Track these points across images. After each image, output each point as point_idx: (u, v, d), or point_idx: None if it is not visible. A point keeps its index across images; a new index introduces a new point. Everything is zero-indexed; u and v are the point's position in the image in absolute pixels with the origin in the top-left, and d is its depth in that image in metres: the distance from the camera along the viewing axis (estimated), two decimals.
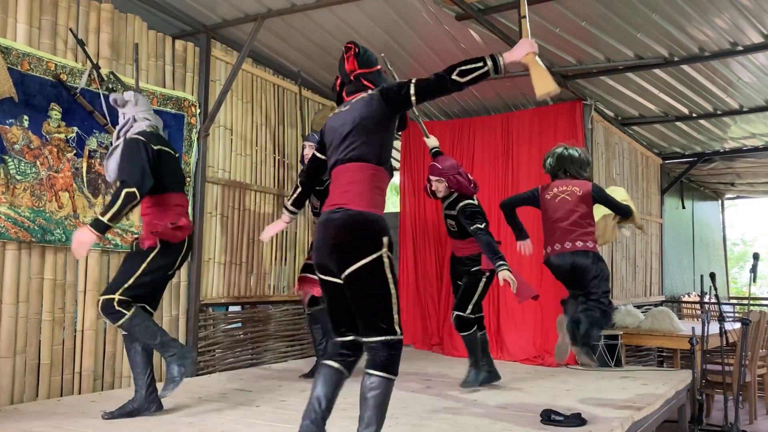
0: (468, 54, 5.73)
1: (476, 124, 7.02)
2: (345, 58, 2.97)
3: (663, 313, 6.46)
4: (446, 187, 4.63)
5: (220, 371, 5.24)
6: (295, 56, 5.97)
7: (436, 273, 7.05)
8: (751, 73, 5.89)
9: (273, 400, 4.13)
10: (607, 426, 3.50)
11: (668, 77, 6.04)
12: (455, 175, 4.58)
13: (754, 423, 5.98)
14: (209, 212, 5.32)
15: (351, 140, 2.74)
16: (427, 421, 3.60)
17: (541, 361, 5.96)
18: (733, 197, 12.28)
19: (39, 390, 4.09)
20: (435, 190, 4.67)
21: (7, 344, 3.92)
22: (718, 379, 5.54)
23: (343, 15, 5.20)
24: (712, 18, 4.93)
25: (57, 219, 4.18)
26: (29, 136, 4.06)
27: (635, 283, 7.70)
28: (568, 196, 4.21)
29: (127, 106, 3.82)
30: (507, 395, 4.41)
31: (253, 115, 5.80)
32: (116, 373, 4.58)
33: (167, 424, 3.46)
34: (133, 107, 3.82)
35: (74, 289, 4.34)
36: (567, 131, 6.41)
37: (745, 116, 7.06)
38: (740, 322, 5.27)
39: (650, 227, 8.28)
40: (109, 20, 4.62)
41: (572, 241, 4.08)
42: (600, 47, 5.50)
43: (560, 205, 4.19)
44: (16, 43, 4.02)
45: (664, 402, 4.53)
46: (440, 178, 4.60)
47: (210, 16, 5.21)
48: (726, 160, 8.98)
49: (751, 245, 19.11)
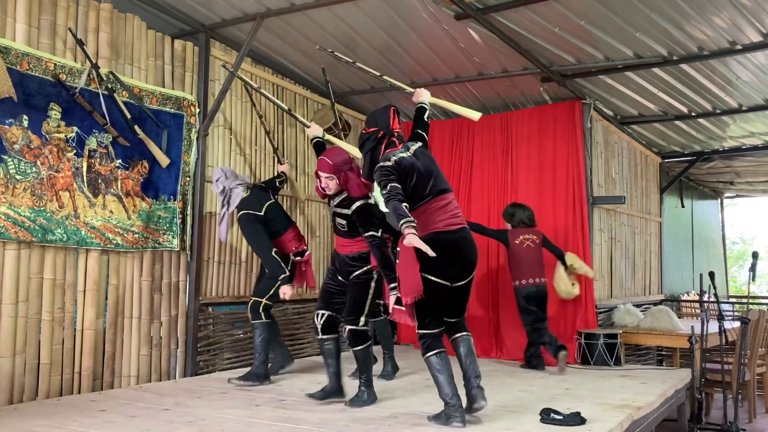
0: (467, 53, 5.74)
1: (475, 124, 6.98)
2: (392, 118, 3.80)
3: (662, 312, 6.46)
4: (337, 185, 4.14)
5: (220, 371, 5.25)
6: (295, 56, 5.97)
7: None
8: (750, 72, 5.89)
9: (272, 400, 4.13)
10: (606, 425, 3.50)
11: (667, 76, 6.05)
12: (347, 172, 4.15)
13: (754, 421, 5.98)
14: (209, 212, 5.32)
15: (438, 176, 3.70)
16: (426, 420, 3.60)
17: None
18: (733, 196, 12.29)
19: (39, 390, 4.09)
20: (325, 187, 4.17)
21: (7, 344, 3.93)
22: (717, 378, 5.55)
23: (342, 14, 5.20)
24: (711, 17, 4.93)
25: (57, 219, 4.18)
26: (29, 135, 4.06)
27: (634, 282, 7.71)
28: (532, 243, 5.72)
29: (219, 183, 4.89)
30: (506, 394, 4.41)
31: (252, 115, 5.80)
32: (116, 373, 4.58)
33: (167, 424, 3.46)
34: (225, 181, 4.89)
35: (74, 289, 4.34)
36: (566, 130, 6.43)
37: (744, 115, 7.07)
38: (739, 321, 5.28)
39: (649, 226, 8.29)
40: (108, 20, 4.61)
41: (540, 276, 5.64)
42: (599, 46, 5.51)
43: (527, 250, 5.67)
44: (15, 43, 4.02)
45: (664, 401, 4.54)
46: (331, 175, 4.11)
47: (209, 16, 5.22)
48: (725, 159, 8.99)
49: (750, 244, 19.13)
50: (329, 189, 4.16)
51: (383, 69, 6.22)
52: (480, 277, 6.69)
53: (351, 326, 4.07)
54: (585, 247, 6.21)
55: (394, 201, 3.38)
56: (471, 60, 5.90)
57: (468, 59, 5.89)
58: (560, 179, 6.40)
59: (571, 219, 6.29)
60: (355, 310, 4.12)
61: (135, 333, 4.72)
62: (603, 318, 6.60)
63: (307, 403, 4.04)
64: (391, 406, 3.99)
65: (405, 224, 3.28)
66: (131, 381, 4.67)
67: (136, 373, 4.71)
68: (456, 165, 7.05)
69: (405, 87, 4.52)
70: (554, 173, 6.45)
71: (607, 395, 4.36)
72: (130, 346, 4.69)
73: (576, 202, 6.29)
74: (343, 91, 6.82)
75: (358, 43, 5.69)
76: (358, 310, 4.12)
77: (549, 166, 6.49)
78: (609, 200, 6.58)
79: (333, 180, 4.11)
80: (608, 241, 6.96)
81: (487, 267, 6.66)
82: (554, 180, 6.44)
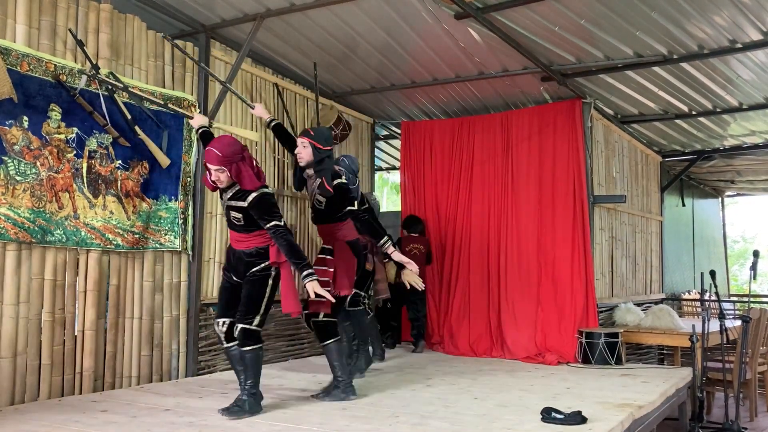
0: (467, 52, 5.74)
1: (476, 123, 7.03)
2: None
3: (663, 311, 6.47)
4: (228, 177, 3.82)
5: (221, 371, 5.25)
6: (295, 56, 5.97)
7: (436, 271, 7.06)
8: (750, 70, 5.88)
9: (274, 400, 4.14)
10: (607, 424, 3.50)
11: (668, 75, 6.04)
12: (239, 163, 3.82)
13: (755, 420, 5.98)
14: (209, 212, 5.32)
15: None
16: (427, 419, 3.61)
17: (542, 360, 5.97)
18: (733, 195, 12.28)
19: (40, 390, 4.09)
20: (216, 180, 3.85)
21: (8, 345, 3.93)
22: (718, 377, 5.55)
23: (342, 14, 5.20)
24: (711, 15, 4.93)
25: (57, 219, 4.18)
26: (29, 136, 4.06)
27: (635, 281, 7.70)
28: (418, 252, 6.67)
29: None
30: (507, 393, 4.41)
31: (252, 115, 5.80)
32: (117, 374, 4.58)
33: (168, 424, 3.46)
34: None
35: (75, 290, 4.34)
36: (566, 129, 6.42)
37: (745, 114, 7.06)
38: (740, 320, 5.28)
39: (650, 225, 8.29)
40: (108, 21, 4.61)
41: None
42: (599, 45, 5.50)
43: (413, 257, 5.97)
44: (15, 44, 4.02)
45: (665, 399, 4.54)
46: (221, 167, 3.77)
47: (209, 16, 5.22)
48: (726, 157, 8.99)
49: (751, 242, 19.13)
50: (220, 182, 3.85)
51: (383, 69, 6.25)
52: (481, 279, 6.70)
53: (244, 325, 3.83)
54: (586, 246, 6.21)
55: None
56: (471, 59, 5.90)
57: (468, 59, 5.88)
58: (561, 178, 6.40)
59: (572, 218, 6.28)
60: (251, 308, 3.88)
61: (136, 333, 4.72)
62: (604, 317, 6.60)
63: (308, 403, 4.04)
64: (392, 405, 3.99)
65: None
66: (132, 381, 4.67)
67: (137, 374, 4.71)
68: (456, 164, 7.05)
69: (248, 102, 5.04)
70: (555, 172, 6.44)
71: (608, 394, 4.36)
72: (131, 347, 4.69)
73: (576, 201, 6.29)
74: (343, 91, 6.82)
75: (359, 42, 5.69)
76: (254, 308, 3.88)
77: (549, 165, 6.48)
78: (610, 199, 6.58)
79: (224, 173, 3.79)
80: (609, 240, 6.96)
81: (487, 270, 6.66)
82: (555, 179, 6.43)
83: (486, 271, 6.67)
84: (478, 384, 4.77)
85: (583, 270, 6.17)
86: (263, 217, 3.79)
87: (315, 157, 4.35)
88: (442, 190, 7.13)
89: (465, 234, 6.85)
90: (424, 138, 7.29)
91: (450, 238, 6.98)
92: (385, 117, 7.68)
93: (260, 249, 3.90)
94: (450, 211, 7.03)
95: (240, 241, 3.96)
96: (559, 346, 6.02)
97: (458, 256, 6.85)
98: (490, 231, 6.71)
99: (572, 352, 5.92)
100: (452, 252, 6.93)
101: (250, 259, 3.90)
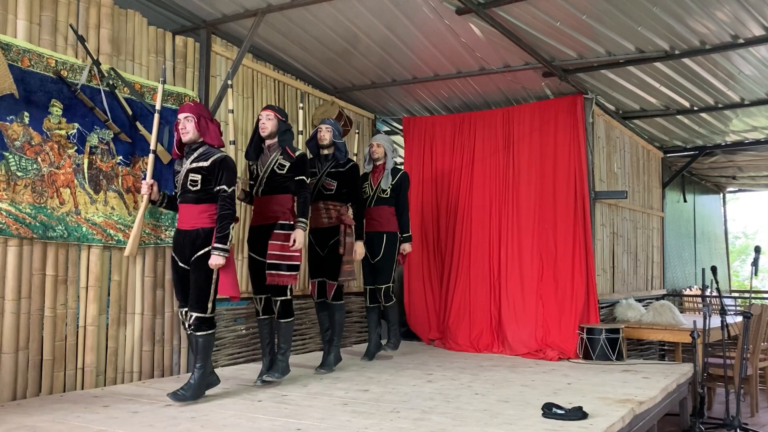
0: (469, 48, 5.74)
1: (477, 118, 7.03)
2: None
3: (664, 307, 6.47)
4: (195, 128, 3.99)
5: (222, 366, 5.26)
6: (296, 51, 5.97)
7: (437, 267, 7.06)
8: (752, 66, 5.88)
9: (275, 395, 4.14)
10: (608, 419, 3.50)
11: (669, 71, 6.04)
12: (209, 121, 4.05)
13: (756, 416, 5.98)
14: None
15: None
16: (428, 414, 3.61)
17: (543, 355, 5.97)
18: (735, 190, 12.28)
19: (42, 386, 4.10)
20: (182, 129, 3.99)
21: (10, 340, 3.94)
22: (719, 373, 5.55)
23: (343, 10, 5.19)
24: (713, 11, 4.92)
25: (58, 215, 4.19)
26: (30, 132, 4.06)
27: (636, 277, 7.70)
28: None
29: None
30: (508, 389, 4.42)
31: (253, 111, 5.80)
32: (118, 369, 4.59)
33: (170, 419, 3.47)
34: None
35: (76, 285, 4.35)
36: (568, 125, 6.42)
37: (747, 109, 7.06)
38: (742, 316, 5.28)
39: (651, 221, 8.28)
40: (109, 16, 4.61)
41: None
42: (601, 41, 5.49)
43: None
44: (16, 40, 4.02)
45: (666, 395, 4.54)
46: (190, 115, 3.98)
47: (210, 12, 5.21)
48: (727, 153, 8.98)
49: (752, 238, 19.13)
50: (186, 131, 3.99)
51: (384, 64, 6.24)
52: (482, 275, 6.70)
53: (198, 313, 3.88)
54: (587, 242, 6.21)
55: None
56: (472, 55, 5.89)
57: (469, 54, 5.88)
58: (562, 174, 6.40)
59: (573, 214, 6.28)
60: (201, 295, 3.88)
61: (137, 329, 4.73)
62: (605, 313, 6.61)
63: (309, 398, 4.05)
64: (392, 400, 4.00)
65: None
66: (134, 377, 4.68)
67: (139, 369, 4.72)
68: (458, 160, 7.05)
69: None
70: (556, 168, 6.44)
71: (609, 390, 4.37)
72: (132, 342, 4.70)
73: (578, 197, 6.29)
74: (344, 86, 6.82)
75: (359, 38, 5.69)
76: (204, 295, 3.89)
77: (550, 160, 6.48)
78: (611, 195, 6.57)
79: (191, 122, 3.99)
80: (610, 236, 6.96)
81: (488, 265, 6.66)
82: (556, 175, 6.43)
83: (487, 267, 6.67)
84: (479, 379, 4.78)
85: (584, 266, 6.17)
86: (221, 179, 3.94)
87: (279, 128, 4.59)
88: (443, 186, 7.13)
89: (466, 229, 6.85)
90: (425, 133, 7.29)
91: (451, 233, 6.98)
92: (386, 113, 7.68)
93: (205, 229, 3.96)
94: (451, 207, 7.03)
95: (186, 219, 4.03)
96: (560, 342, 6.02)
97: (459, 252, 6.85)
98: (491, 226, 6.71)
99: (573, 347, 5.92)
100: (453, 247, 6.92)
101: (194, 242, 3.96)
